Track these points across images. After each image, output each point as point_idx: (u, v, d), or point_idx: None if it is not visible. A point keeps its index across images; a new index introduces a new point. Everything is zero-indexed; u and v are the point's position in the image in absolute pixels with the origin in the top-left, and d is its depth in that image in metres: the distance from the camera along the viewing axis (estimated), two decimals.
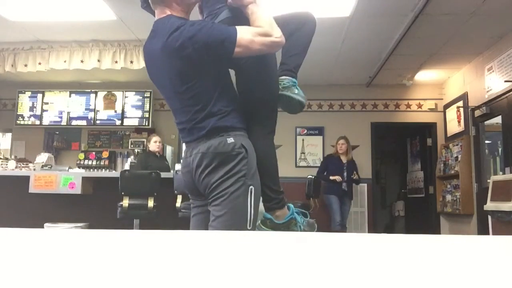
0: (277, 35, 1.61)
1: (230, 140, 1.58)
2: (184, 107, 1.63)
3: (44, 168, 4.84)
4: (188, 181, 1.70)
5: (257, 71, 1.72)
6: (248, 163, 1.60)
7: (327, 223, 6.49)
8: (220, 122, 1.59)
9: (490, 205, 4.06)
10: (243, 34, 1.54)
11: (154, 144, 5.15)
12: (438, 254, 0.55)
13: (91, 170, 6.56)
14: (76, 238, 0.67)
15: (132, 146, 7.00)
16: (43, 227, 3.80)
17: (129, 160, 5.72)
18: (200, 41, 1.52)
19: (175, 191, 3.90)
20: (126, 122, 6.96)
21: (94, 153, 7.03)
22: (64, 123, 7.02)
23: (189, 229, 1.81)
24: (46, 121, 7.02)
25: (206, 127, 1.59)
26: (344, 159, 5.88)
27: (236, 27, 1.56)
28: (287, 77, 1.81)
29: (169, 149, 6.70)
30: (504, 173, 4.94)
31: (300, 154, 6.94)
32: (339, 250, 0.57)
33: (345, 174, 5.74)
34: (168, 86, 1.65)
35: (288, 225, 1.70)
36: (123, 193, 3.73)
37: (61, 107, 7.03)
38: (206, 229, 1.62)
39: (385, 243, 0.63)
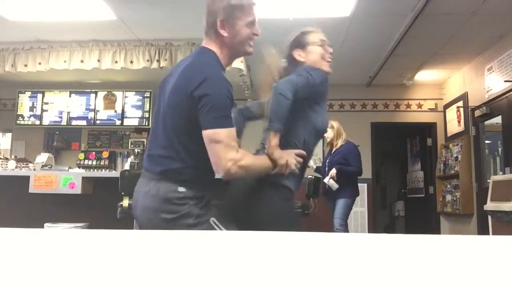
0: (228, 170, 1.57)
1: (182, 189, 1.58)
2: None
3: (44, 168, 4.84)
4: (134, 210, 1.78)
5: None
6: (196, 211, 1.59)
7: (327, 223, 6.49)
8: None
9: (490, 205, 4.06)
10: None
11: None
12: (438, 254, 0.55)
13: (91, 170, 6.56)
14: (76, 238, 0.67)
15: (132, 146, 7.00)
16: (43, 227, 3.80)
17: (129, 160, 5.71)
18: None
19: None
20: (126, 122, 6.96)
21: (94, 153, 7.03)
22: (64, 123, 7.02)
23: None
24: (46, 121, 7.02)
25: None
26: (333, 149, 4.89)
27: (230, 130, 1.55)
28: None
29: None
30: (504, 173, 4.94)
31: None
32: (339, 250, 0.57)
33: (326, 169, 4.80)
34: None
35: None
36: (123, 193, 3.72)
37: (61, 107, 7.03)
38: None
39: (385, 243, 0.63)
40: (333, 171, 4.71)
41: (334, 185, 4.67)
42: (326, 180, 4.68)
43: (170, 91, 1.61)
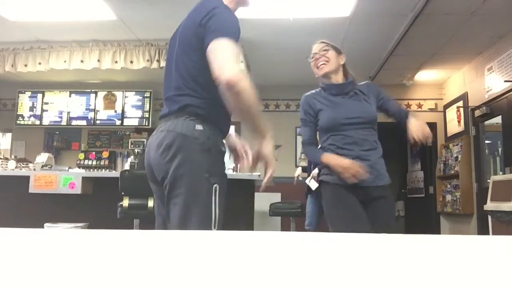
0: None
1: (199, 127, 1.53)
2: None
3: (44, 168, 4.84)
4: (146, 164, 1.65)
5: None
6: (212, 158, 1.54)
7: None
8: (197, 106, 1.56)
9: (490, 205, 4.06)
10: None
11: None
12: (438, 254, 0.55)
13: (91, 170, 6.56)
14: (76, 238, 0.67)
15: (132, 146, 7.01)
16: (43, 227, 3.80)
17: (129, 160, 5.71)
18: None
19: None
20: (126, 122, 6.96)
21: (94, 153, 7.03)
22: (64, 123, 7.02)
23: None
24: (46, 121, 7.02)
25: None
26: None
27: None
28: None
29: None
30: (504, 173, 4.94)
31: (300, 154, 6.94)
32: (339, 250, 0.57)
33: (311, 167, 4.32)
34: None
35: None
36: (123, 193, 3.73)
37: (61, 107, 7.03)
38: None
39: (385, 243, 0.63)
40: (315, 171, 4.67)
41: (314, 185, 4.63)
42: (307, 180, 4.64)
43: (180, 32, 1.64)
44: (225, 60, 1.41)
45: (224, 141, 1.64)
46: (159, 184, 1.59)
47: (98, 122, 7.00)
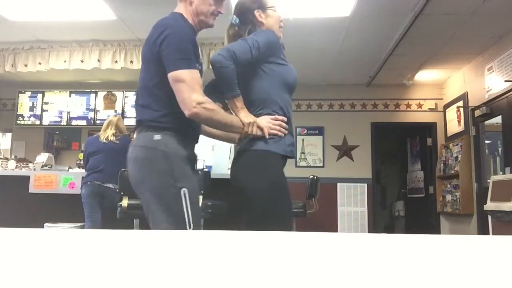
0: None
1: (157, 137, 1.63)
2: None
3: (44, 168, 4.84)
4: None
5: None
6: (174, 164, 1.62)
7: (327, 223, 6.50)
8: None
9: (490, 205, 4.06)
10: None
11: None
12: (438, 254, 0.55)
13: None
14: (76, 238, 0.67)
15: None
16: (43, 227, 3.80)
17: None
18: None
19: None
20: (126, 122, 6.91)
21: None
22: (64, 123, 7.02)
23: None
24: (46, 121, 7.02)
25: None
26: None
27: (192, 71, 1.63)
28: None
29: None
30: (504, 173, 4.94)
31: (300, 154, 6.95)
32: (339, 250, 0.57)
33: None
34: None
35: None
36: (122, 193, 3.72)
37: (61, 107, 7.03)
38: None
39: (385, 243, 0.63)
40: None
41: None
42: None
43: (143, 46, 1.75)
44: (183, 96, 1.57)
45: (187, 146, 1.70)
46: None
47: (98, 122, 6.99)
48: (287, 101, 1.87)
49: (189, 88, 1.56)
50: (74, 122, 7.02)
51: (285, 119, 1.78)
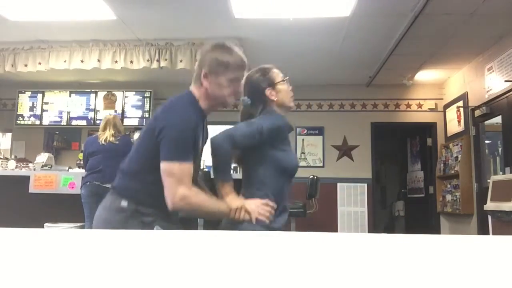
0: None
1: (124, 204, 1.66)
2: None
3: (44, 168, 4.84)
4: None
5: None
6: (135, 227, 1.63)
7: (327, 223, 6.49)
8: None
9: (490, 205, 4.06)
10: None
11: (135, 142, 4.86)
12: (438, 254, 0.55)
13: None
14: (76, 238, 0.67)
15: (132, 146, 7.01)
16: (43, 227, 3.80)
17: None
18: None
19: None
20: (126, 122, 6.96)
21: None
22: (64, 123, 7.02)
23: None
24: (46, 121, 7.02)
25: None
26: None
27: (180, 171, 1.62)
28: None
29: None
30: (504, 173, 4.94)
31: (300, 154, 6.95)
32: (339, 250, 0.57)
33: None
34: None
35: None
36: None
37: (61, 107, 7.03)
38: None
39: (385, 243, 0.63)
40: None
41: None
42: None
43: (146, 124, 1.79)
44: (169, 188, 1.57)
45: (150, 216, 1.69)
46: None
47: (98, 122, 6.99)
48: (284, 186, 1.85)
49: (177, 182, 1.57)
50: (74, 122, 7.02)
51: (275, 206, 1.75)
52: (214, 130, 1.80)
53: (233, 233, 0.64)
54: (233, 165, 1.99)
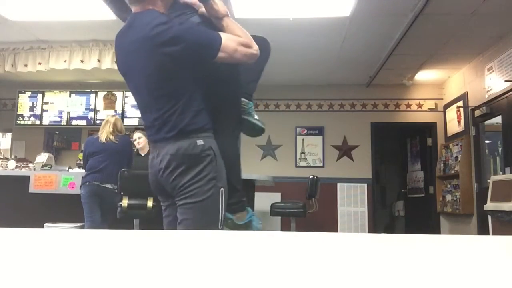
0: (256, 47, 1.62)
1: (200, 142, 1.57)
2: (156, 104, 1.62)
3: (44, 168, 4.84)
4: (156, 182, 1.69)
5: (228, 75, 1.73)
6: (217, 165, 1.60)
7: (327, 223, 6.49)
8: (191, 123, 1.59)
9: (490, 205, 4.06)
10: (228, 41, 1.57)
11: (134, 142, 4.77)
12: (438, 254, 0.55)
13: None
14: (76, 238, 0.67)
15: (132, 146, 7.00)
16: (43, 227, 3.80)
17: None
18: (189, 41, 1.53)
19: None
20: (126, 122, 6.95)
21: None
22: (64, 123, 7.02)
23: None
24: (46, 121, 7.02)
25: (176, 127, 1.58)
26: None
27: (220, 33, 1.58)
28: (249, 102, 1.82)
29: None
30: (504, 173, 4.94)
31: (300, 154, 6.95)
32: (339, 250, 0.57)
33: None
34: (142, 81, 1.63)
35: (246, 226, 1.72)
36: (122, 193, 3.72)
37: (61, 107, 7.03)
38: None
39: (385, 243, 0.64)
40: None
41: None
42: None
43: (138, 51, 1.70)
44: (247, 34, 1.65)
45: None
46: (170, 197, 1.69)
47: (98, 122, 6.99)
48: None
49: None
50: (74, 122, 7.02)
51: None
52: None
53: (234, 233, 0.64)
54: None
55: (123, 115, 6.96)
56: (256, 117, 1.85)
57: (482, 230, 5.24)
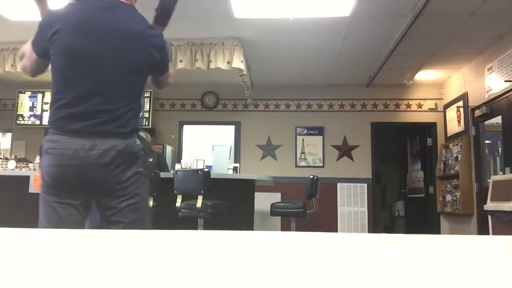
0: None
1: (138, 141, 1.71)
2: (115, 96, 1.67)
3: None
4: (77, 176, 1.65)
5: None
6: (145, 163, 1.76)
7: (327, 223, 6.49)
8: (139, 123, 1.78)
9: (490, 205, 4.06)
10: (170, 68, 1.90)
11: None
12: (438, 254, 0.55)
13: None
14: (76, 238, 0.67)
15: None
16: None
17: None
18: (166, 54, 1.81)
19: (175, 191, 3.90)
20: None
21: None
22: None
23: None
24: (46, 121, 7.01)
25: (129, 125, 1.68)
26: None
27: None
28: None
29: (169, 149, 6.70)
30: (504, 173, 4.94)
31: (300, 154, 6.95)
32: (339, 250, 0.57)
33: None
34: (113, 67, 1.67)
35: None
36: None
37: None
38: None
39: (385, 243, 0.64)
40: None
41: None
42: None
43: (122, 37, 1.87)
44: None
45: None
46: (85, 194, 1.90)
47: None
48: None
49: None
50: None
51: None
52: (213, 129, 1.91)
53: (232, 233, 0.64)
54: (233, 165, 2.13)
55: None
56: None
57: (482, 230, 5.24)
